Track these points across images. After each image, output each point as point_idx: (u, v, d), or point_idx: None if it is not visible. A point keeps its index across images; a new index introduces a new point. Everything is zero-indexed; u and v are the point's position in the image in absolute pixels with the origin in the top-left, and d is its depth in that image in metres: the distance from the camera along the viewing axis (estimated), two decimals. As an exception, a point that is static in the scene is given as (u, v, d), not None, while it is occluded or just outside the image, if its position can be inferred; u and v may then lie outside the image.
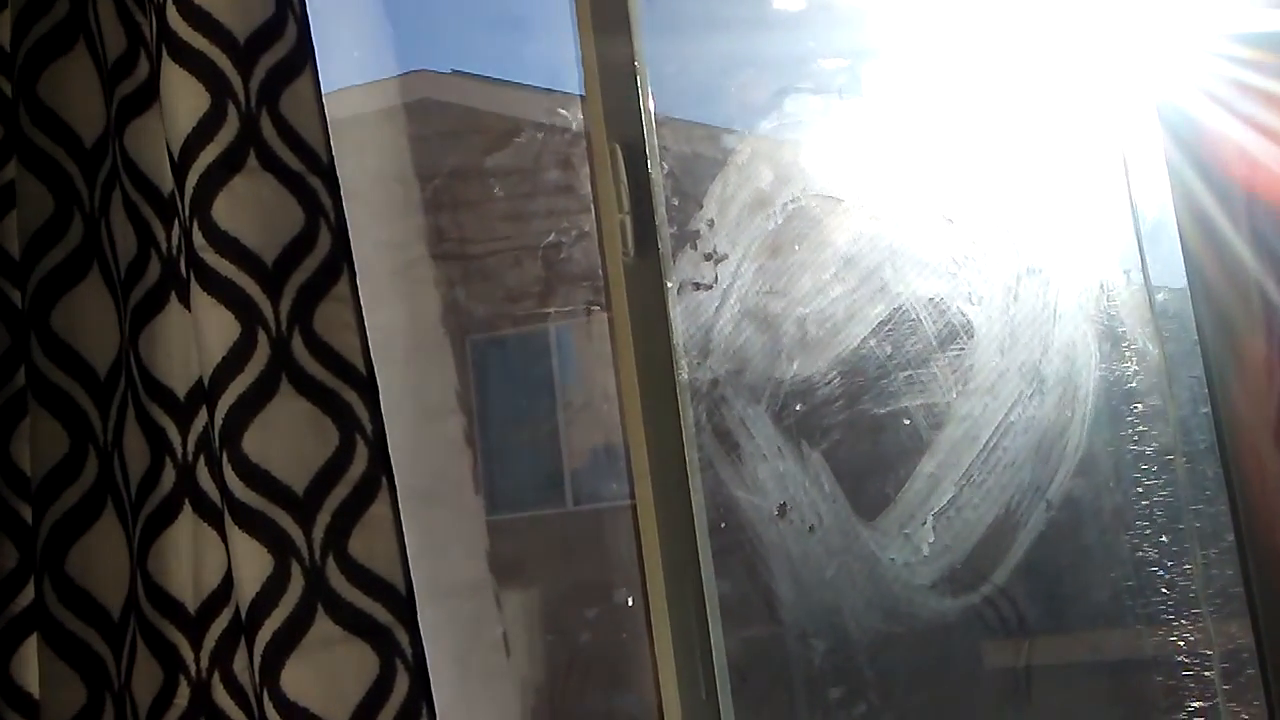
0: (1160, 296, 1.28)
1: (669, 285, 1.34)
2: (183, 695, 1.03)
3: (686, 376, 1.34)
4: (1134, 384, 1.28)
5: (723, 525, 1.35)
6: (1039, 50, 1.41)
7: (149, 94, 1.08)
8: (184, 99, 1.02)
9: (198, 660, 1.03)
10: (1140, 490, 1.27)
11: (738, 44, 1.50)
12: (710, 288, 1.39)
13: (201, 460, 1.04)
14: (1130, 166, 1.31)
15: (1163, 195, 1.23)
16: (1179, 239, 1.19)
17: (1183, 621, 1.24)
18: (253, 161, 1.01)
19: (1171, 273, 1.24)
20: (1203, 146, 1.20)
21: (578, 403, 1.67)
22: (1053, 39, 1.40)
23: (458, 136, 1.60)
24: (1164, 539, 1.26)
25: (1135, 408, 1.28)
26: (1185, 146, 1.21)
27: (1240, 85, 1.19)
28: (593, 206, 1.37)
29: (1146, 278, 1.29)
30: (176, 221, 1.06)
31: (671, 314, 1.32)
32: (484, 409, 1.65)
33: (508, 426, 1.69)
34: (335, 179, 1.06)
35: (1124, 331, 1.29)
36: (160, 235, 1.09)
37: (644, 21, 1.38)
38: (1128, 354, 1.29)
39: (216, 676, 1.01)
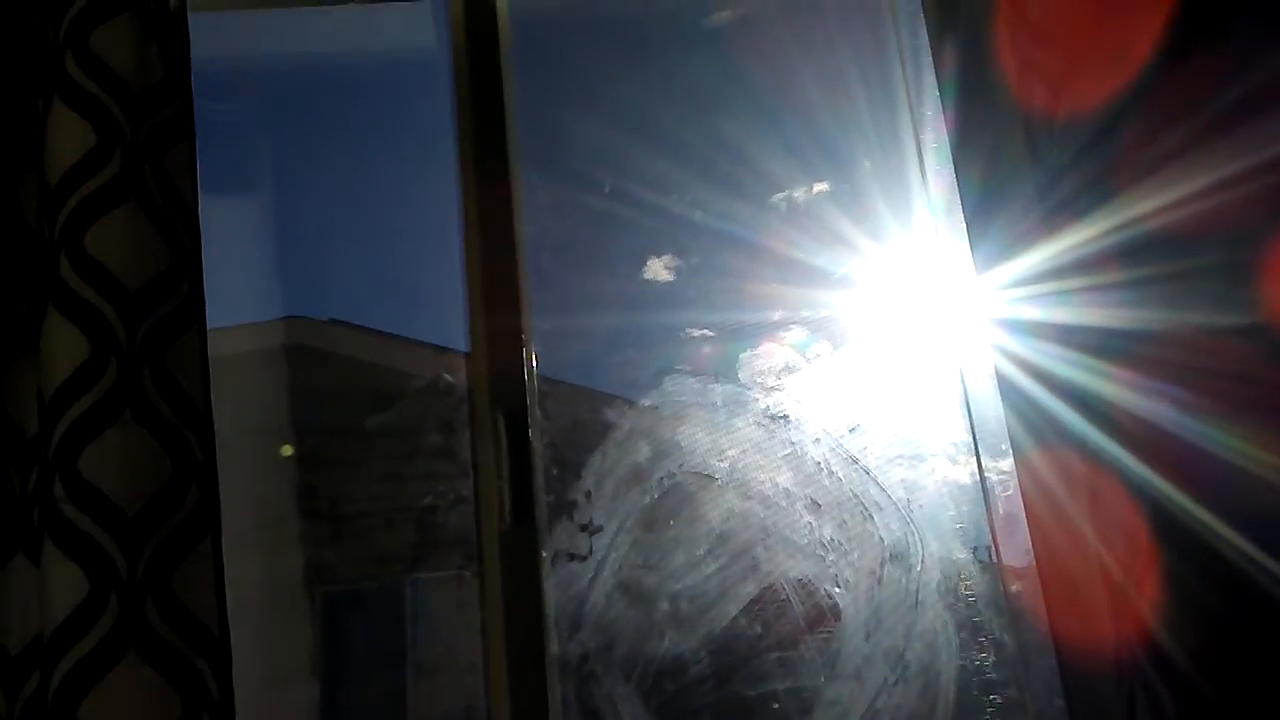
0: (1014, 586, 1.33)
1: (544, 555, 1.33)
2: None
3: (556, 649, 1.31)
4: (992, 674, 1.31)
5: (584, 814, 1.29)
6: (898, 342, 1.51)
7: (27, 338, 1.06)
8: (64, 348, 1.01)
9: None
10: (1002, 784, 1.27)
11: (618, 315, 1.56)
12: (585, 559, 1.39)
13: (26, 728, 0.96)
14: (982, 455, 1.39)
15: (1012, 479, 1.30)
16: (1027, 531, 1.25)
17: None
18: (127, 415, 0.99)
19: (1024, 554, 1.29)
20: (1042, 434, 1.28)
21: (431, 665, 1.61)
22: (908, 326, 1.51)
23: (337, 391, 1.60)
24: (1027, 835, 1.25)
25: (994, 698, 1.30)
26: (1026, 432, 1.29)
27: (1076, 379, 1.28)
28: (472, 472, 1.37)
29: (999, 565, 1.34)
30: (35, 467, 1.02)
31: (545, 584, 1.31)
32: (335, 667, 1.57)
33: (356, 687, 1.60)
34: (211, 434, 1.05)
35: (981, 620, 1.33)
36: (15, 481, 1.04)
37: (533, 294, 1.44)
38: (985, 643, 1.32)
39: None
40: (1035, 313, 1.34)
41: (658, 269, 1.57)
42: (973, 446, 1.40)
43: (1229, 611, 1.02)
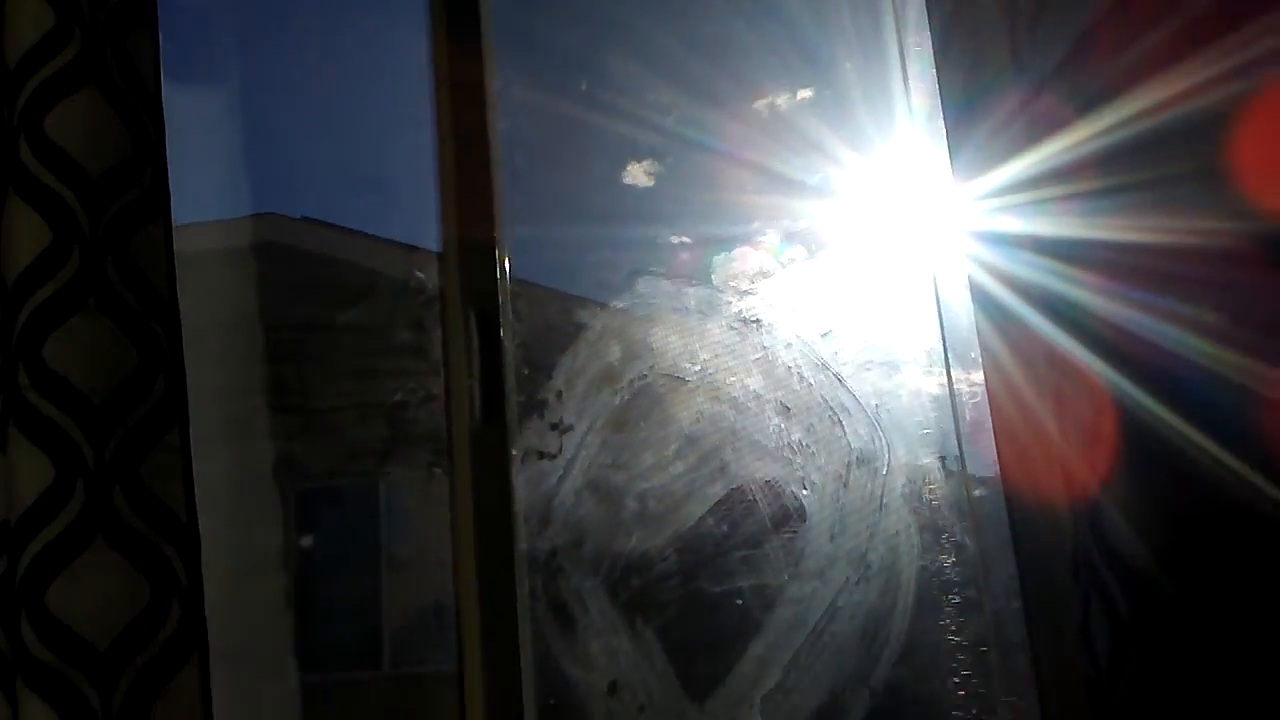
0: (979, 492, 1.35)
1: (514, 453, 1.34)
2: None
3: (525, 546, 1.33)
4: (952, 575, 1.33)
5: (551, 701, 1.31)
6: (874, 249, 1.51)
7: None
8: (26, 235, 0.99)
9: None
10: (956, 680, 1.31)
11: (594, 219, 1.55)
12: (554, 458, 1.40)
13: (-5, 613, 0.97)
14: (952, 363, 1.40)
15: (980, 388, 1.31)
16: (993, 438, 1.26)
17: (994, 812, 1.26)
18: (91, 304, 0.98)
19: (990, 464, 1.31)
20: (1013, 345, 1.29)
21: (403, 561, 1.63)
22: (884, 237, 1.50)
23: (310, 288, 1.59)
24: (978, 730, 1.29)
25: (953, 599, 1.33)
26: (998, 343, 1.30)
27: (1049, 290, 1.28)
28: (443, 370, 1.37)
29: (964, 470, 1.36)
30: (0, 356, 1.01)
31: (515, 481, 1.32)
32: (317, 565, 1.59)
33: (340, 584, 1.63)
34: (177, 323, 1.04)
35: (944, 524, 1.35)
36: (-21, 369, 1.03)
37: (506, 193, 1.42)
38: (947, 546, 1.34)
39: None
40: (1013, 222, 1.34)
41: (637, 174, 1.55)
42: (943, 355, 1.41)
43: (1190, 513, 1.04)
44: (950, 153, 1.43)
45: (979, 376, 1.35)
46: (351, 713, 1.55)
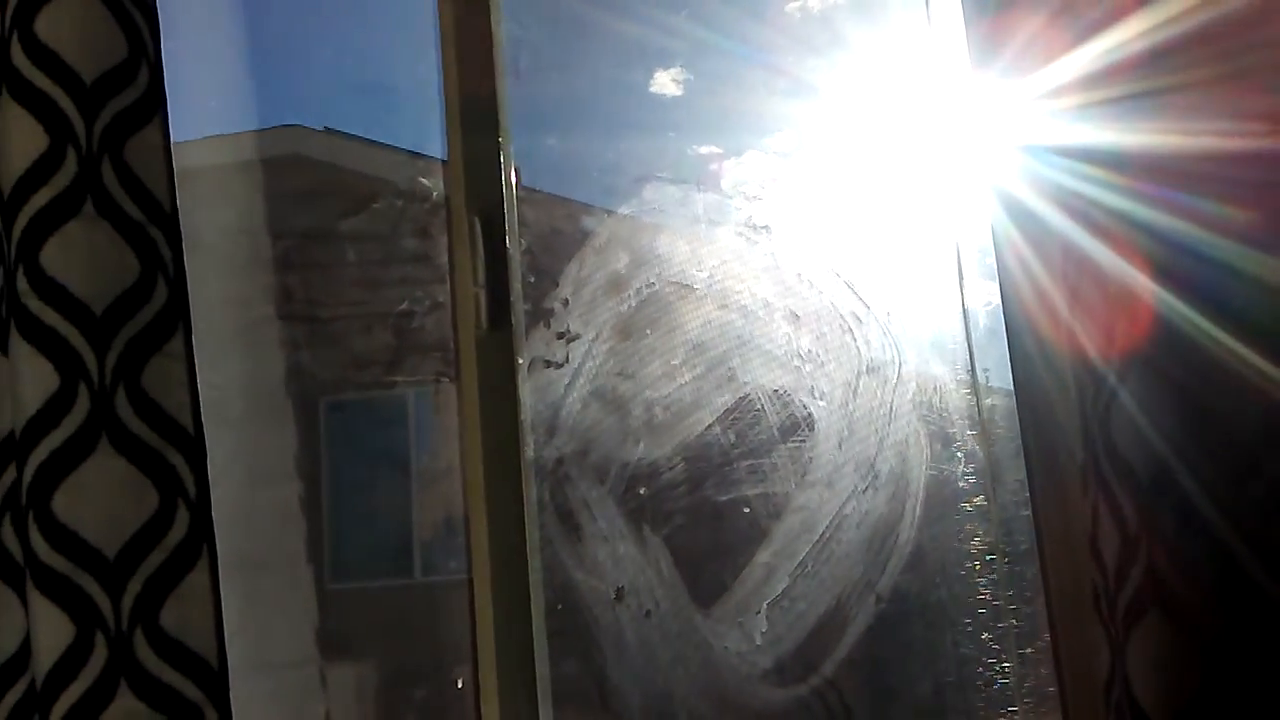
0: (990, 401, 1.34)
1: (520, 361, 1.33)
2: (-33, 768, 0.95)
3: (532, 454, 1.33)
4: (962, 484, 1.33)
5: (559, 607, 1.33)
6: (890, 156, 1.48)
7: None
8: (20, 139, 0.98)
9: (-15, 733, 0.96)
10: (964, 588, 1.31)
11: (605, 125, 1.52)
12: (561, 366, 1.39)
13: (6, 518, 0.98)
14: (966, 273, 1.38)
15: (995, 301, 1.29)
16: (1007, 346, 1.24)
17: (1000, 718, 1.28)
18: (89, 208, 0.97)
19: (1004, 376, 1.30)
20: (1033, 255, 1.26)
21: (428, 474, 1.64)
22: (902, 147, 1.47)
23: (314, 196, 1.58)
24: (985, 637, 1.30)
25: (962, 507, 1.32)
26: (1016, 255, 1.27)
27: (1067, 199, 1.26)
28: (448, 277, 1.36)
29: (975, 381, 1.35)
30: (1, 265, 1.01)
31: (521, 390, 1.32)
32: (334, 476, 1.60)
33: (357, 494, 1.64)
34: (178, 230, 1.03)
35: (954, 432, 1.34)
36: (-20, 276, 1.03)
37: (511, 95, 1.39)
38: (958, 454, 1.34)
39: (5, 751, 0.95)
40: (1035, 127, 1.30)
41: (665, 82, 1.52)
42: (957, 263, 1.38)
43: (1203, 427, 1.02)
44: (972, 56, 1.39)
45: (994, 285, 1.32)
46: (379, 620, 1.58)
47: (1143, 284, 1.10)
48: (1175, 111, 1.11)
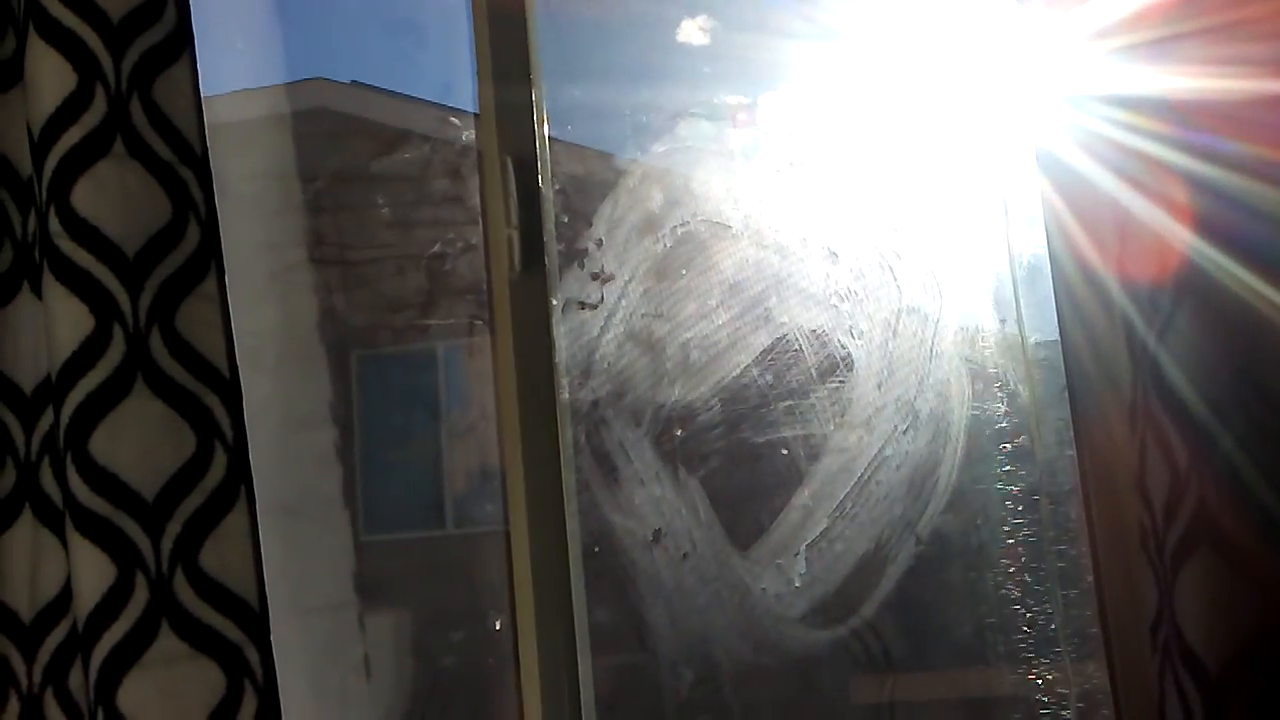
0: (1033, 340, 1.31)
1: (554, 303, 1.32)
2: (12, 710, 0.96)
3: (567, 397, 1.32)
4: (1004, 424, 1.31)
5: (596, 550, 1.33)
6: (929, 97, 1.44)
7: (14, 71, 1.02)
8: (49, 78, 0.96)
9: (30, 674, 0.96)
10: (1006, 529, 1.30)
11: (636, 72, 1.50)
12: (595, 308, 1.38)
13: (45, 461, 0.99)
14: (1010, 214, 1.35)
15: (1040, 243, 1.26)
16: (1052, 286, 1.22)
17: (1042, 661, 1.26)
18: (119, 147, 0.96)
19: (1046, 318, 1.28)
20: (1079, 198, 1.23)
21: (463, 424, 1.64)
22: (942, 87, 1.43)
23: (344, 139, 1.56)
24: (1026, 578, 1.28)
25: (1004, 448, 1.31)
26: (1062, 196, 1.24)
27: (1115, 142, 1.23)
28: (480, 219, 1.35)
29: (1020, 322, 1.32)
30: (33, 207, 1.00)
31: (555, 332, 1.31)
32: (367, 426, 1.61)
33: (391, 444, 1.65)
34: (208, 171, 1.02)
35: (996, 373, 1.32)
36: (15, 221, 1.03)
37: (541, 38, 1.37)
38: (999, 395, 1.32)
39: (50, 692, 0.95)
40: (1083, 73, 1.26)
41: (692, 30, 1.48)
42: (1003, 201, 1.35)
43: (1254, 364, 1.00)
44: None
45: (1035, 226, 1.30)
46: (414, 568, 1.58)
47: (1192, 224, 1.07)
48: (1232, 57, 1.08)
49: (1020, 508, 1.29)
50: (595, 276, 1.39)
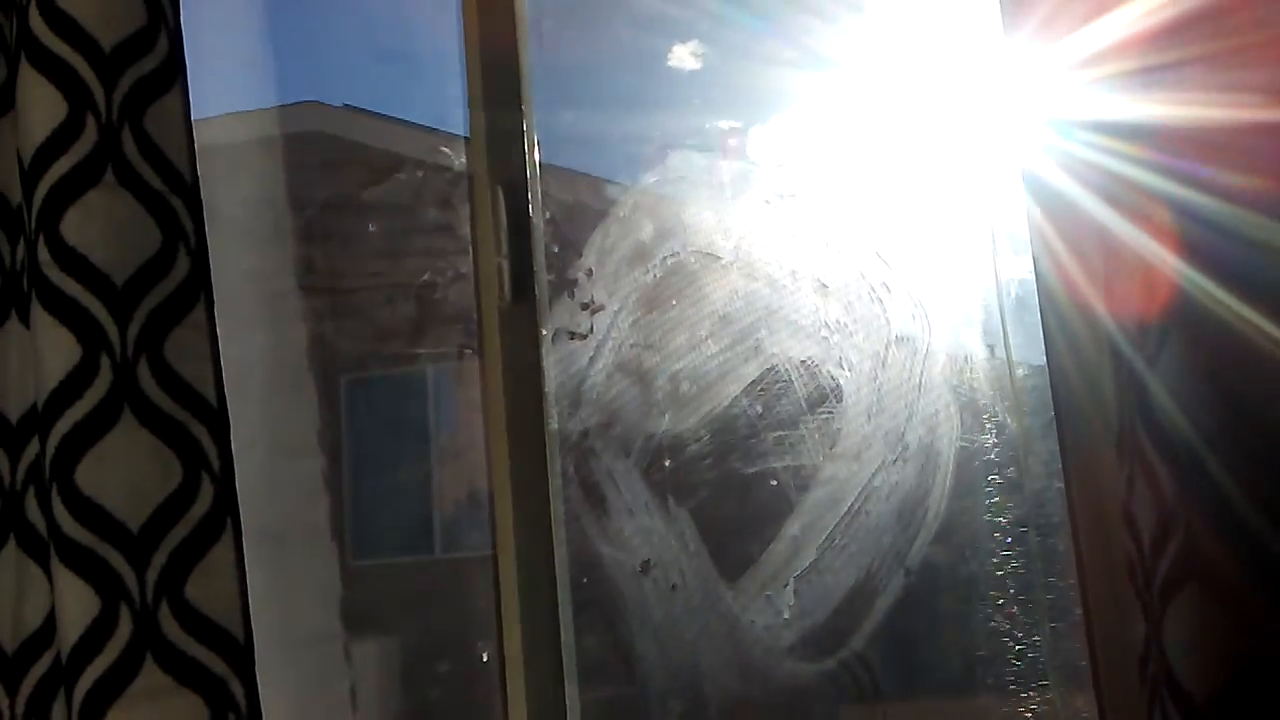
0: (1020, 372, 1.31)
1: (544, 333, 1.32)
2: (-8, 743, 0.95)
3: (556, 426, 1.32)
4: (992, 456, 1.31)
5: (585, 580, 1.32)
6: (918, 126, 1.45)
7: (5, 100, 1.02)
8: (40, 107, 0.97)
9: (13, 706, 0.96)
10: (994, 561, 1.29)
11: (627, 97, 1.50)
12: (585, 338, 1.38)
13: (30, 491, 0.98)
14: (998, 242, 1.36)
15: (1028, 271, 1.27)
16: (1040, 316, 1.22)
17: (1031, 692, 1.26)
18: (109, 177, 0.96)
19: (1035, 347, 1.28)
20: (1067, 226, 1.24)
21: (451, 448, 1.64)
22: (931, 116, 1.44)
23: (335, 168, 1.57)
24: (1015, 610, 1.28)
25: (993, 479, 1.31)
26: (1050, 225, 1.25)
27: (1104, 170, 1.23)
28: (471, 248, 1.35)
29: (1008, 352, 1.32)
30: (22, 236, 1.00)
31: (545, 362, 1.30)
32: (355, 451, 1.60)
33: (379, 470, 1.64)
34: (198, 200, 1.02)
35: (985, 404, 1.32)
36: (4, 249, 1.03)
37: (532, 66, 1.37)
38: (988, 426, 1.32)
39: (31, 725, 0.94)
40: (1070, 100, 1.27)
41: (683, 56, 1.49)
42: (990, 232, 1.36)
43: (1242, 394, 1.00)
44: (1005, 24, 1.36)
45: (1022, 258, 1.30)
46: (401, 595, 1.57)
47: (1180, 253, 1.08)
48: (1219, 84, 1.08)
49: (1009, 539, 1.29)
50: (585, 306, 1.39)
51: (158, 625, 0.91)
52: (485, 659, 1.33)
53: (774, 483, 1.34)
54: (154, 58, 1.01)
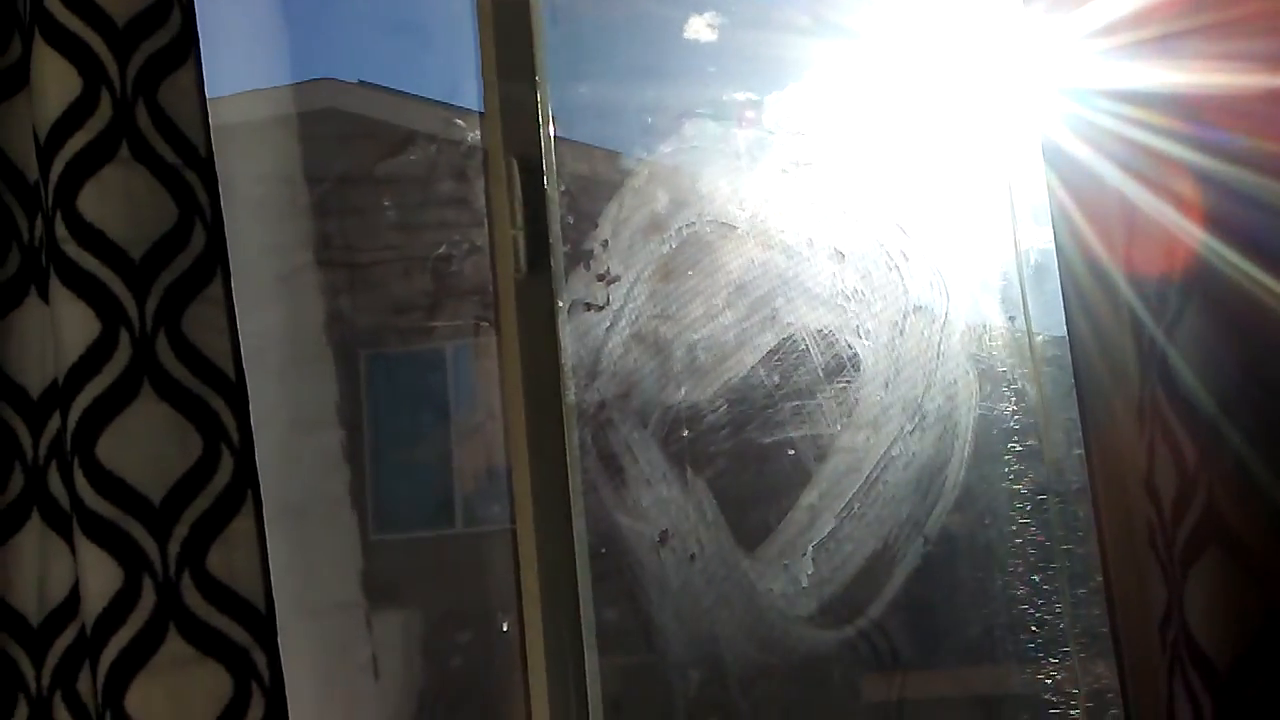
0: (1040, 339, 1.31)
1: (560, 304, 1.32)
2: (21, 713, 0.96)
3: (573, 398, 1.32)
4: (1012, 424, 1.30)
5: (603, 551, 1.33)
6: (936, 94, 1.44)
7: (20, 76, 1.03)
8: (54, 83, 0.97)
9: (39, 678, 0.97)
10: (1014, 528, 1.29)
11: (642, 69, 1.50)
12: (601, 309, 1.38)
13: (53, 465, 0.99)
14: (1017, 211, 1.35)
15: (1047, 240, 1.26)
16: (1060, 284, 1.21)
17: (1051, 660, 1.26)
18: (124, 152, 0.96)
19: (1054, 316, 1.27)
20: (1086, 194, 1.23)
21: (471, 423, 1.64)
22: (949, 85, 1.43)
23: (350, 141, 1.57)
24: (1035, 578, 1.28)
25: (1012, 447, 1.30)
26: (1070, 193, 1.24)
27: (1123, 138, 1.22)
28: (486, 220, 1.35)
29: (1028, 321, 1.32)
30: (40, 212, 1.00)
31: (561, 334, 1.30)
32: (376, 426, 1.61)
33: (399, 444, 1.65)
34: (214, 174, 1.02)
35: (1004, 372, 1.32)
36: (22, 225, 1.03)
37: (547, 38, 1.37)
38: (1007, 394, 1.31)
39: (58, 696, 0.96)
40: (1090, 68, 1.26)
41: (699, 27, 1.48)
42: (1010, 199, 1.35)
43: (1263, 362, 0.99)
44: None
45: (1041, 226, 1.29)
46: (422, 568, 1.58)
47: (1200, 221, 1.07)
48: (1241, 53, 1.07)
49: (1028, 507, 1.29)
50: (601, 278, 1.38)
51: (180, 596, 0.92)
52: (505, 629, 1.34)
53: (792, 452, 1.34)
54: (167, 32, 1.01)
